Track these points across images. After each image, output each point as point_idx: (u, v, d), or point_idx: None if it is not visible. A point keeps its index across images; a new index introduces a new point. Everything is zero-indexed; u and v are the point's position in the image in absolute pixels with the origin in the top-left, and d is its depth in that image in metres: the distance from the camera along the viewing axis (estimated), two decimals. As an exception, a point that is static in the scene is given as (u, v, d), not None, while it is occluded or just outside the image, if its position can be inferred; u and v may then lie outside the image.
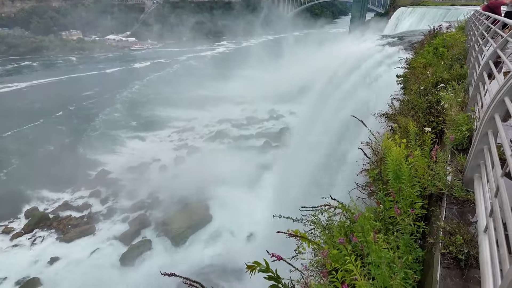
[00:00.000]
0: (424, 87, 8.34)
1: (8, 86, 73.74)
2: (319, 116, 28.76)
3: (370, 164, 4.67)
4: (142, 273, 26.53)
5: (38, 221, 32.97)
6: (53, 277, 26.87)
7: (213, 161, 39.40)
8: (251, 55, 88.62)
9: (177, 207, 33.48)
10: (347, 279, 2.59)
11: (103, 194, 37.19)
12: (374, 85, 21.00)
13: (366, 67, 25.37)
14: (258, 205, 30.89)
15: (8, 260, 28.83)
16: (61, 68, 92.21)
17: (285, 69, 68.07)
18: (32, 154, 44.92)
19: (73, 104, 62.67)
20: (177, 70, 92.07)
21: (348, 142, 18.17)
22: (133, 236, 30.47)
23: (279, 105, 58.54)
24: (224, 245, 28.71)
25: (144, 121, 56.12)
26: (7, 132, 50.80)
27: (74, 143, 47.92)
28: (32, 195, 36.81)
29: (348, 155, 16.00)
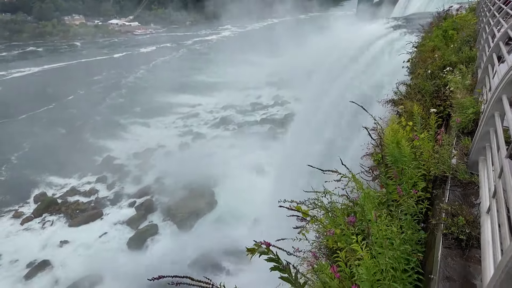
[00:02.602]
0: (432, 70, 8.18)
1: (21, 71, 74.75)
2: (324, 102, 28.52)
3: (375, 148, 4.65)
4: (149, 256, 27.16)
5: (47, 206, 33.69)
6: (63, 260, 27.65)
7: (218, 147, 39.62)
8: (256, 39, 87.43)
9: (182, 192, 33.89)
10: (350, 259, 2.62)
11: (109, 180, 37.72)
12: (381, 70, 20.65)
13: (373, 51, 24.89)
14: (262, 191, 31.08)
15: (19, 243, 29.67)
16: (66, 54, 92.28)
17: (290, 53, 67.06)
18: (44, 137, 45.86)
19: (83, 89, 63.34)
20: (182, 54, 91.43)
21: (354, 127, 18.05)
22: (139, 220, 31.05)
23: (284, 90, 58.00)
24: (229, 229, 29.10)
25: (149, 107, 56.21)
26: (22, 115, 51.99)
27: (83, 127, 48.60)
28: (41, 180, 37.52)
29: (354, 140, 15.91)
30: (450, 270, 1.92)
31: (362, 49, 26.92)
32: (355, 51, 27.64)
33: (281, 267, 2.10)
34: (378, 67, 21.56)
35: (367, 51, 25.85)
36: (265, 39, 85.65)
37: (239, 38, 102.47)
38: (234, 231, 28.92)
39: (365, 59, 25.15)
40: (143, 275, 25.17)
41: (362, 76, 23.70)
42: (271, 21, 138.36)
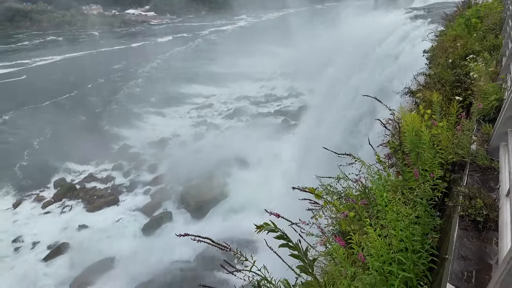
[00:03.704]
0: (453, 60, 7.92)
1: (44, 59, 77.16)
2: (340, 94, 28.12)
3: (391, 136, 4.59)
4: (163, 242, 27.83)
5: (66, 191, 34.90)
6: (81, 243, 28.70)
7: (231, 138, 39.82)
8: (271, 30, 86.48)
9: (195, 182, 34.38)
10: (363, 242, 2.62)
11: (125, 168, 38.62)
12: (400, 61, 20.14)
13: (392, 41, 24.27)
14: (275, 182, 31.19)
15: (40, 226, 30.96)
16: (85, 43, 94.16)
17: (306, 44, 66.03)
18: (65, 123, 47.45)
19: (102, 77, 64.94)
20: (198, 44, 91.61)
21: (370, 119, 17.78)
22: (154, 208, 31.77)
23: (299, 82, 57.36)
24: (241, 218, 29.40)
25: (164, 96, 56.86)
26: (46, 102, 53.91)
27: (101, 115, 49.84)
28: (60, 166, 38.82)
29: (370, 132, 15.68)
30: (466, 250, 1.90)
31: (380, 40, 26.29)
32: (372, 42, 27.03)
33: (291, 244, 2.13)
34: (396, 57, 21.04)
35: (385, 42, 25.22)
36: (281, 29, 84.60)
37: (254, 28, 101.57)
38: (246, 221, 29.20)
39: (383, 50, 24.57)
40: (157, 261, 25.97)
41: (379, 67, 23.20)
42: (287, 11, 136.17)
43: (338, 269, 2.60)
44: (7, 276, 26.33)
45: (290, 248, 2.08)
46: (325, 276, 2.73)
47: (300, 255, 2.07)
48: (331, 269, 2.81)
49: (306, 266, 2.09)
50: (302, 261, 2.09)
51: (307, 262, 2.09)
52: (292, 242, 2.13)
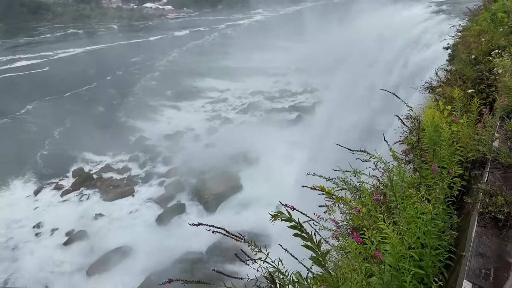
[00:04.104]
0: (476, 55, 7.65)
1: (66, 51, 79.51)
2: (356, 90, 27.66)
3: (409, 132, 4.50)
4: (176, 233, 28.38)
5: (84, 181, 35.97)
6: (97, 231, 29.63)
7: (245, 132, 39.91)
8: (288, 24, 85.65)
9: (209, 175, 34.74)
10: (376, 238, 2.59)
11: (141, 159, 39.43)
12: (419, 56, 19.60)
13: (411, 37, 23.62)
14: (288, 178, 31.12)
15: (59, 213, 32.09)
16: (105, 36, 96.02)
17: (322, 38, 65.09)
18: (84, 114, 48.88)
19: (121, 70, 66.30)
20: (214, 38, 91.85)
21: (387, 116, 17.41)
22: (168, 199, 32.37)
23: (314, 77, 56.66)
24: (253, 213, 29.58)
25: (180, 90, 57.47)
26: (67, 93, 55.68)
27: (119, 107, 50.96)
28: (78, 156, 40.01)
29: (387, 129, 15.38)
30: (484, 248, 1.85)
31: (399, 34, 25.64)
32: (391, 37, 26.38)
33: (304, 235, 2.13)
34: (416, 53, 20.48)
35: (405, 36, 24.57)
36: (297, 24, 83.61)
37: (271, 23, 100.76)
38: (258, 215, 29.34)
39: (402, 45, 23.95)
40: (170, 251, 26.47)
41: (398, 63, 22.67)
42: (304, 5, 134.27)
43: (350, 263, 2.59)
44: (28, 259, 27.51)
45: (304, 239, 2.08)
46: (337, 270, 2.72)
47: (314, 247, 2.07)
48: (342, 264, 2.80)
49: (319, 258, 2.09)
50: (315, 253, 2.09)
51: (319, 254, 2.08)
52: (307, 232, 2.13)
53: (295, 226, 2.06)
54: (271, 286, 2.11)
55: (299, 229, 2.07)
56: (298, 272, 2.16)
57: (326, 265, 2.16)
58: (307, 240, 2.05)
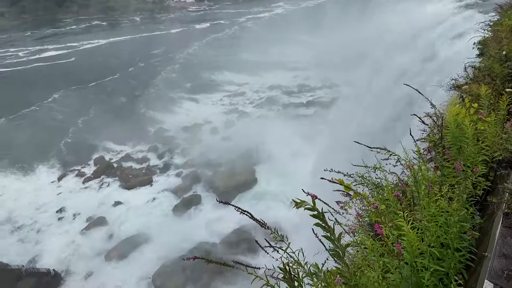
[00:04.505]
0: (507, 52, 7.30)
1: (91, 42, 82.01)
2: (377, 86, 27.04)
3: (432, 129, 4.38)
4: (191, 223, 28.95)
5: (105, 169, 37.15)
6: (116, 218, 30.63)
7: (262, 127, 39.86)
8: (309, 17, 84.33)
9: (225, 167, 35.09)
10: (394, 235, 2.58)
11: (160, 150, 40.26)
12: (445, 53, 18.91)
13: (438, 32, 22.77)
14: (303, 173, 30.99)
15: (81, 199, 33.37)
16: (127, 28, 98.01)
17: (343, 33, 63.69)
18: (107, 104, 50.50)
19: (143, 61, 67.78)
20: (234, 32, 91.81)
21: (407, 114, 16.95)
22: (185, 190, 32.97)
23: (334, 72, 55.62)
24: (267, 207, 29.71)
25: (199, 83, 57.99)
26: (92, 83, 57.71)
27: (140, 98, 52.13)
28: (100, 145, 41.33)
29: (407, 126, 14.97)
30: (508, 248, 1.81)
31: (424, 30, 24.77)
32: (415, 34, 25.52)
33: (325, 226, 2.14)
34: (442, 49, 19.76)
35: (430, 32, 23.72)
36: (318, 17, 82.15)
37: (291, 16, 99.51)
38: (272, 209, 29.46)
39: (426, 42, 23.15)
40: (185, 240, 27.02)
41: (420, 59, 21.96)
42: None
43: (367, 259, 2.58)
44: (52, 241, 28.87)
45: (324, 230, 2.09)
46: (353, 265, 2.72)
47: (333, 239, 2.08)
48: (358, 259, 2.80)
49: (338, 251, 2.10)
50: (335, 245, 2.10)
51: (339, 247, 2.09)
52: (328, 223, 2.14)
53: (318, 216, 2.07)
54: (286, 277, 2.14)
55: (321, 219, 2.08)
56: (315, 264, 2.18)
57: (344, 257, 2.17)
58: (328, 231, 2.06)
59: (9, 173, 37.22)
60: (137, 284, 25.00)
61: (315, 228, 2.20)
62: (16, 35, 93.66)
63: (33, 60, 71.48)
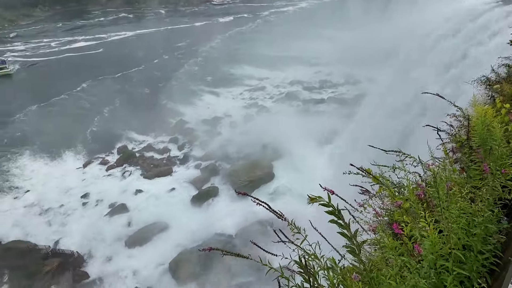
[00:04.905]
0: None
1: (118, 34, 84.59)
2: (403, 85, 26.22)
3: (458, 129, 4.23)
4: (208, 214, 29.41)
5: (127, 158, 38.32)
6: (137, 206, 31.60)
7: (281, 122, 39.68)
8: (333, 11, 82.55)
9: (243, 161, 35.31)
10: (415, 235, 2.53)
11: (180, 141, 41.04)
12: (478, 52, 18.04)
13: (469, 30, 21.73)
14: (322, 169, 30.71)
15: (104, 186, 34.62)
16: (153, 21, 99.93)
17: (369, 28, 61.89)
18: (131, 95, 52.12)
19: (167, 54, 69.05)
20: (257, 25, 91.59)
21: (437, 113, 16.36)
22: (203, 182, 33.50)
23: (358, 69, 54.31)
24: (284, 203, 29.65)
25: (220, 77, 58.37)
26: (118, 74, 59.69)
27: (163, 90, 53.24)
28: (123, 134, 42.64)
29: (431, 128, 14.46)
30: (537, 254, 1.73)
31: (457, 28, 23.68)
32: (447, 31, 24.44)
33: (341, 222, 2.12)
34: (474, 48, 18.86)
35: (463, 30, 22.66)
36: (343, 11, 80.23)
37: (316, 10, 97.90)
38: (289, 205, 29.36)
39: (459, 40, 22.14)
40: (202, 230, 27.51)
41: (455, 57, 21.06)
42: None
43: (385, 257, 2.55)
44: (76, 225, 30.20)
45: (340, 226, 2.07)
46: (370, 263, 2.70)
47: (349, 235, 2.06)
48: (376, 257, 2.77)
49: (354, 247, 2.09)
50: (350, 241, 2.08)
51: (355, 244, 2.08)
52: (344, 219, 2.13)
53: (333, 212, 2.06)
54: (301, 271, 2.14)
55: (337, 216, 2.06)
56: (332, 258, 2.18)
57: (360, 255, 2.15)
58: (344, 228, 2.05)
59: (39, 157, 39.12)
60: (154, 270, 25.80)
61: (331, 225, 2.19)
62: (49, 26, 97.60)
63: (64, 51, 74.39)
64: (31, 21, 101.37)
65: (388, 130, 21.95)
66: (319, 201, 2.06)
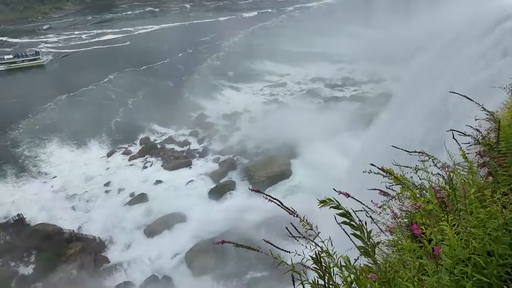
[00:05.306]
0: None
1: (145, 28, 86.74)
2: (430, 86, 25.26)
3: (488, 132, 4.06)
4: (225, 208, 29.79)
5: (149, 149, 39.34)
6: (157, 195, 32.47)
7: (300, 119, 39.28)
8: (359, 8, 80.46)
9: (261, 157, 35.39)
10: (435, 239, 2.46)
11: (200, 135, 41.65)
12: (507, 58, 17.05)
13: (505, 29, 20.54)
14: (341, 168, 30.23)
15: (126, 175, 35.75)
16: (178, 15, 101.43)
17: (395, 25, 59.86)
18: (155, 87, 53.38)
19: (191, 48, 70.17)
20: (281, 21, 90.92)
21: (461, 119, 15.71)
22: (221, 175, 33.90)
23: (382, 67, 52.71)
24: (300, 200, 29.47)
25: (241, 72, 58.52)
26: (143, 67, 61.31)
27: (185, 83, 54.12)
28: (146, 126, 43.78)
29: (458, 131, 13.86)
30: None
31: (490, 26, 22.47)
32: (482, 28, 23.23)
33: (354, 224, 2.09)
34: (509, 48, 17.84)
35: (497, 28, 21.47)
36: (369, 7, 78.04)
37: (341, 5, 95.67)
38: (304, 203, 29.03)
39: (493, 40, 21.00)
40: (218, 223, 27.89)
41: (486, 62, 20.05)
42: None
43: (403, 259, 2.50)
44: (99, 212, 31.44)
45: (353, 228, 2.05)
46: (387, 264, 2.66)
47: (363, 236, 2.04)
48: (393, 259, 2.73)
49: (368, 248, 2.06)
50: (364, 242, 2.06)
51: (369, 244, 2.05)
52: (356, 221, 2.10)
53: (344, 215, 2.04)
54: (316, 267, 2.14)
55: (348, 218, 2.04)
56: (346, 256, 2.16)
57: (374, 256, 2.12)
58: (357, 229, 2.02)
59: (66, 145, 40.89)
60: (170, 260, 26.49)
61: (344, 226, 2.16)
62: (80, 19, 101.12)
63: (93, 43, 76.99)
64: (63, 14, 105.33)
65: (413, 131, 21.24)
66: (329, 204, 2.05)
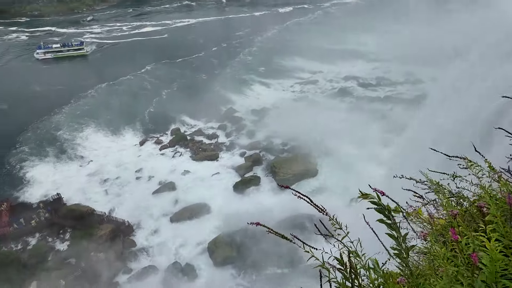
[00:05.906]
0: None
1: (182, 21, 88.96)
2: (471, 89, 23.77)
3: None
4: (249, 202, 30.07)
5: (179, 139, 40.50)
6: (184, 185, 33.44)
7: (331, 118, 38.50)
8: (400, 5, 76.87)
9: (287, 154, 35.26)
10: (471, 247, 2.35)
11: (228, 129, 42.17)
12: None
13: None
14: (370, 171, 29.36)
15: (156, 164, 37.06)
16: (213, 9, 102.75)
17: (437, 24, 56.60)
18: (189, 79, 54.82)
19: (226, 42, 71.07)
20: (317, 17, 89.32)
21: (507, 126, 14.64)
22: (246, 170, 34.24)
23: (420, 67, 50.10)
24: (324, 200, 28.98)
25: (272, 68, 58.25)
26: (178, 59, 63.05)
27: (217, 77, 54.93)
28: (177, 117, 45.06)
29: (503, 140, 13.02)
30: None
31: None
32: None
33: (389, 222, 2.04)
34: None
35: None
36: (408, 5, 74.33)
37: (380, 1, 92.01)
38: (329, 203, 28.48)
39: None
40: (242, 217, 28.21)
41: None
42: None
43: (435, 265, 2.42)
44: (129, 197, 32.93)
45: (388, 227, 2.00)
46: (418, 270, 2.58)
47: (398, 237, 1.98)
48: (424, 266, 2.64)
49: (402, 250, 2.01)
50: (399, 244, 2.00)
51: (403, 246, 1.99)
52: (392, 219, 2.04)
53: (383, 211, 1.98)
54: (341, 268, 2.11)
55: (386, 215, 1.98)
56: (375, 258, 2.12)
57: (408, 258, 2.06)
58: (393, 229, 1.97)
59: (102, 131, 43.05)
60: (193, 249, 27.25)
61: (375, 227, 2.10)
62: (121, 11, 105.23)
63: (133, 34, 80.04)
64: (106, 6, 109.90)
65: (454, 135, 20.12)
66: (370, 198, 2.00)
